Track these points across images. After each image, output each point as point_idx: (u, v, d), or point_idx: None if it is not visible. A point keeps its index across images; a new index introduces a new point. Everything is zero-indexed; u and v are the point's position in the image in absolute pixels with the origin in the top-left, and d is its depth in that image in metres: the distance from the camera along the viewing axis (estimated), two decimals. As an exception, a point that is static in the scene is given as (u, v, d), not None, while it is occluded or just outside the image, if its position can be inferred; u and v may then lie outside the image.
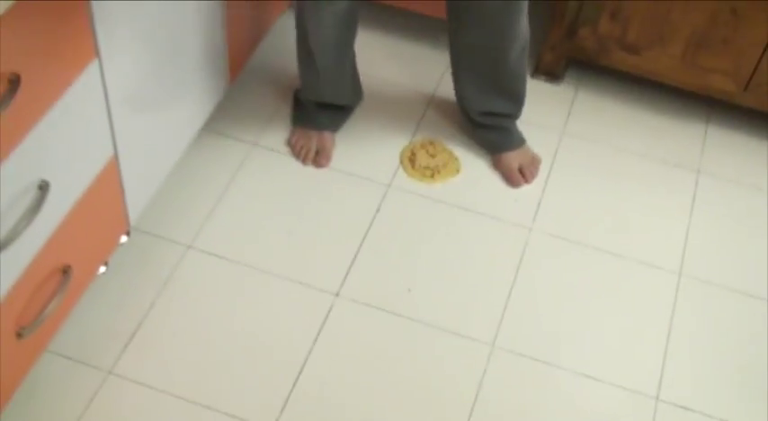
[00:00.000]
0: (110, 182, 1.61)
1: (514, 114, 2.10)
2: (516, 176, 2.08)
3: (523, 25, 1.89)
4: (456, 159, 2.11)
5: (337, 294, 1.85)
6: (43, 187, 1.38)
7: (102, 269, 1.75)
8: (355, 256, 1.92)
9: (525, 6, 1.84)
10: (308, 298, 1.84)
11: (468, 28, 1.90)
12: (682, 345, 1.84)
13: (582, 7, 2.12)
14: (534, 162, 2.11)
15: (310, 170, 2.06)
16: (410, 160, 2.09)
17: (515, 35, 1.89)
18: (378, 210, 2.01)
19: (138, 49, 1.57)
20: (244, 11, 2.00)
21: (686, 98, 2.30)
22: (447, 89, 2.22)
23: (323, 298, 1.84)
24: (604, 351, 1.82)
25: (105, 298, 1.79)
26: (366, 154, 2.11)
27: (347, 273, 1.88)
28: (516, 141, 2.11)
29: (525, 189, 2.09)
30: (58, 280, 1.52)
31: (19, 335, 1.44)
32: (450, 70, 2.06)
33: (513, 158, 2.09)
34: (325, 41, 1.91)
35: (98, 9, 1.39)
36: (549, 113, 2.25)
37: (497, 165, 2.11)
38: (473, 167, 2.11)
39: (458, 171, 2.09)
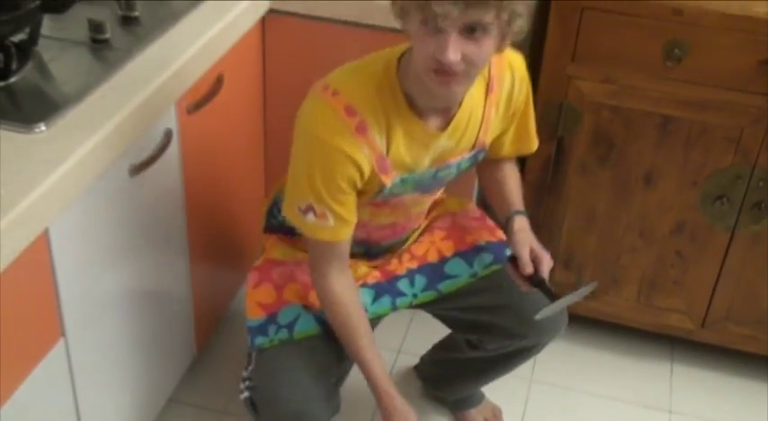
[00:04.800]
0: (74, 462, 1.58)
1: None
2: None
3: None
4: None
5: None
6: (5, 473, 1.34)
7: None
8: None
9: None
10: None
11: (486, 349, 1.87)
12: None
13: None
14: (496, 412, 2.10)
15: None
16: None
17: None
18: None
19: (104, 325, 1.60)
20: (210, 281, 2.05)
21: (648, 338, 2.34)
22: (412, 343, 2.24)
23: None
24: None
25: None
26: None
27: None
28: (478, 398, 2.10)
29: (499, 440, 2.06)
30: None
31: None
32: (412, 323, 2.09)
33: (476, 415, 2.08)
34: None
35: (64, 289, 1.43)
36: (515, 362, 2.27)
37: None
38: (445, 422, 2.10)
39: None
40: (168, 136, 1.64)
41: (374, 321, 1.72)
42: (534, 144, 1.75)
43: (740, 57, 1.85)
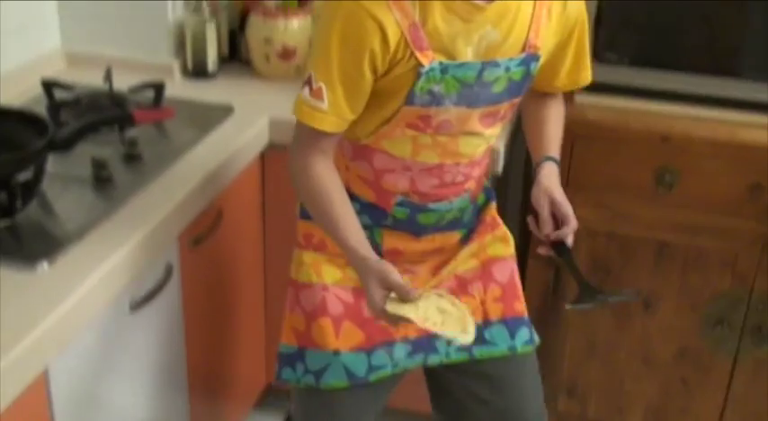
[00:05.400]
0: None
1: None
2: None
3: None
4: None
5: None
6: None
7: None
8: None
9: None
10: None
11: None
12: None
13: (538, 387, 2.18)
14: None
15: None
16: None
17: None
18: None
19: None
20: (209, 417, 2.01)
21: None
22: None
23: None
24: None
25: None
26: None
27: None
28: None
29: None
30: None
31: None
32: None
33: None
34: None
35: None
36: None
37: None
38: None
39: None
40: (169, 270, 1.65)
41: (399, 375, 1.65)
42: (589, 75, 1.63)
43: (730, 181, 1.89)
